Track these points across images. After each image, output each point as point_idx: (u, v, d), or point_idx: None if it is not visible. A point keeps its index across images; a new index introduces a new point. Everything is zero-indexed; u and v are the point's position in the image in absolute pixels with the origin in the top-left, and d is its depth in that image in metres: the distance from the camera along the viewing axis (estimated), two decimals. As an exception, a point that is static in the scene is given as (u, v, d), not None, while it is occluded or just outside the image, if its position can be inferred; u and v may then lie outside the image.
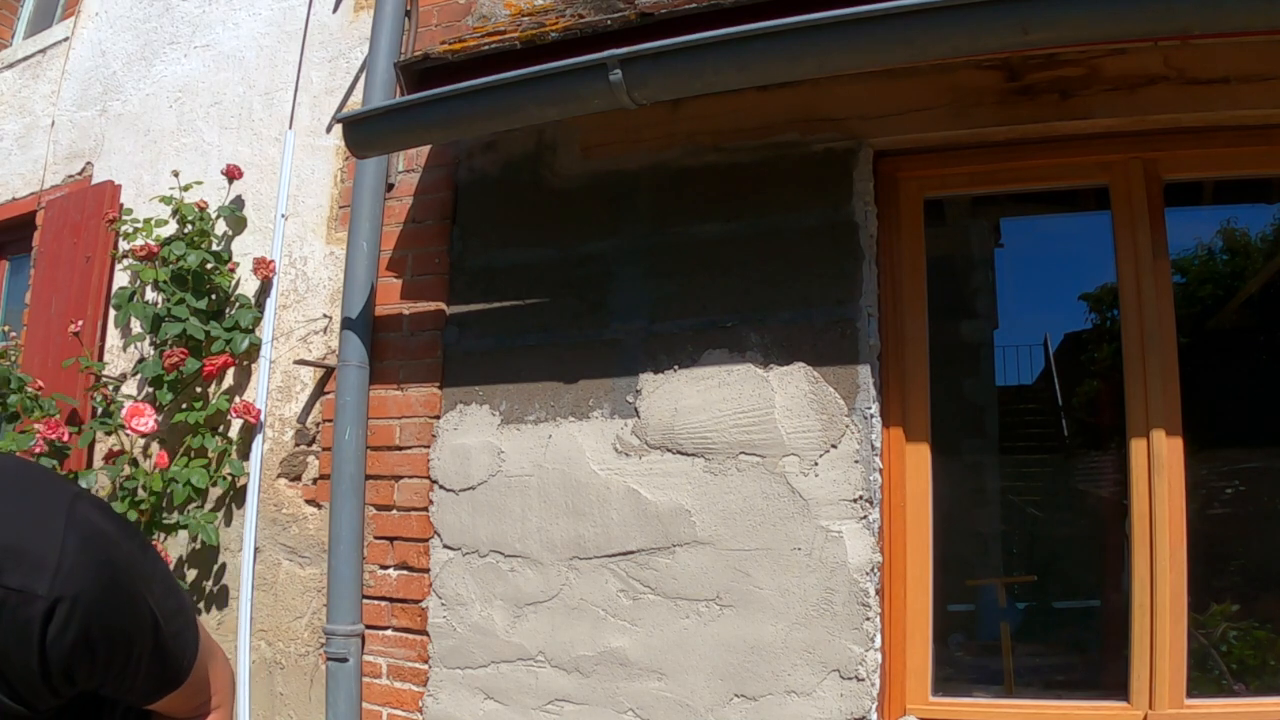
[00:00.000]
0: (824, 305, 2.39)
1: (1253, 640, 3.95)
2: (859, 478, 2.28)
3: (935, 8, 1.92)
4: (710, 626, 2.38)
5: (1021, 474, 7.32)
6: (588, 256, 2.69)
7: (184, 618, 1.04)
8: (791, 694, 2.28)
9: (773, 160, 2.51)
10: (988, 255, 7.09)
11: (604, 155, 2.73)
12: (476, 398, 2.76)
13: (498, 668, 2.61)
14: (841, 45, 2.05)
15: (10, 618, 0.82)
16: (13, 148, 4.36)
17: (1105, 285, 6.78)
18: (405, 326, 2.92)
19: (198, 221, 3.36)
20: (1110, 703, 2.21)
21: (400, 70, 2.73)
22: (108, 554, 0.90)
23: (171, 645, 1.02)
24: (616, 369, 2.59)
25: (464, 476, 2.73)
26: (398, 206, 3.03)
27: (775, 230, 2.48)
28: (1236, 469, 5.39)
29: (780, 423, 2.38)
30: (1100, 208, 2.90)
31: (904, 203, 2.49)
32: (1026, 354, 9.54)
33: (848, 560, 2.26)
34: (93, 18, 4.21)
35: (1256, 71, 2.15)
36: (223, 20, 3.74)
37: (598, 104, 2.33)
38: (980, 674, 4.63)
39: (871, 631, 2.23)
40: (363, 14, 3.34)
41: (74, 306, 3.64)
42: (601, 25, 2.36)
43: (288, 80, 3.46)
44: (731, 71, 2.18)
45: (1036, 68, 2.29)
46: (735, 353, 2.46)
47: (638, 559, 2.48)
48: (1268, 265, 6.39)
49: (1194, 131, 2.27)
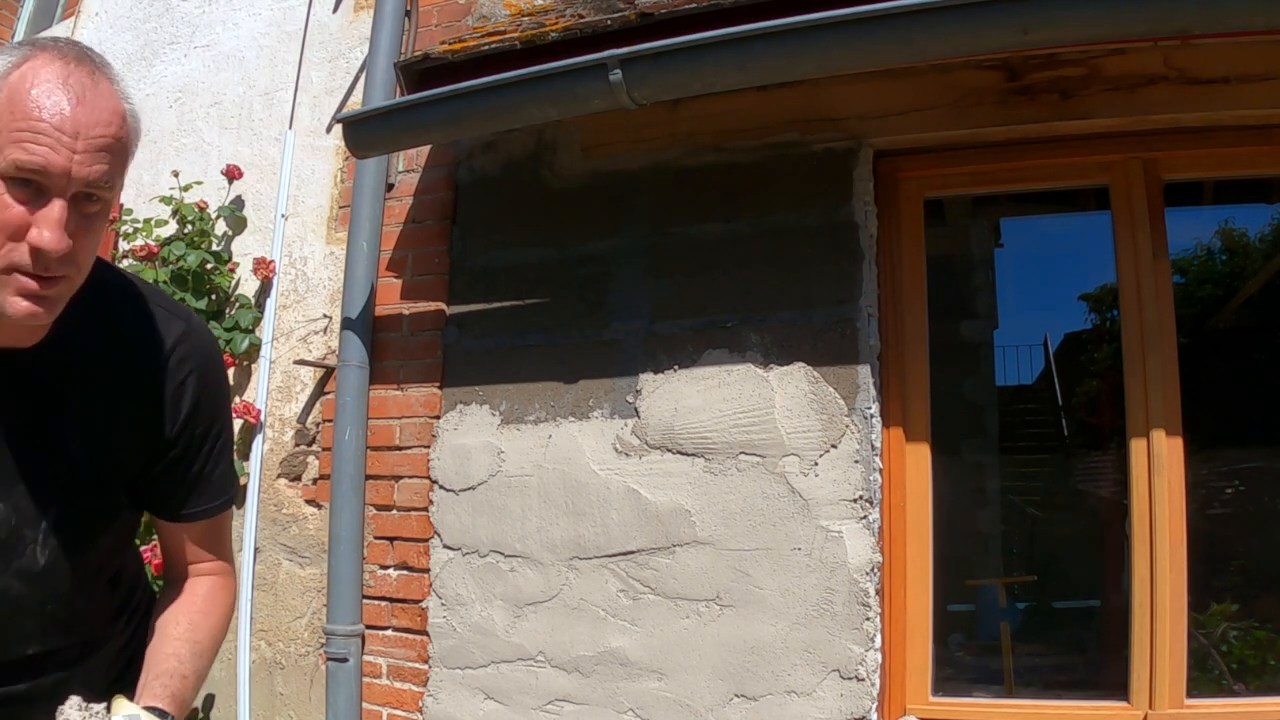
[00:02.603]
0: (824, 305, 2.39)
1: (1253, 640, 3.95)
2: (859, 478, 2.28)
3: (935, 8, 1.92)
4: (710, 626, 2.38)
5: (1021, 474, 7.33)
6: (588, 256, 2.69)
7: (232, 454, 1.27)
8: (791, 694, 2.28)
9: (773, 160, 2.51)
10: (988, 255, 7.10)
11: (604, 155, 2.73)
12: (476, 398, 2.76)
13: (498, 668, 2.61)
14: (841, 45, 2.05)
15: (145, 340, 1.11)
16: (13, 148, 4.36)
17: (1105, 285, 6.79)
18: (405, 326, 2.92)
19: (198, 221, 3.36)
20: (1110, 703, 2.21)
21: (400, 70, 2.73)
22: (215, 344, 1.22)
23: (231, 461, 1.25)
24: (616, 369, 2.59)
25: (464, 476, 2.73)
26: (398, 206, 3.03)
27: (775, 230, 2.48)
28: (1236, 469, 5.39)
29: (780, 423, 2.38)
30: (1100, 208, 2.90)
31: (904, 203, 2.49)
32: (1026, 354, 9.55)
33: (848, 560, 2.26)
34: (93, 18, 4.21)
35: (1256, 71, 2.15)
36: (223, 20, 3.74)
37: (598, 104, 2.33)
38: (980, 674, 4.63)
39: (871, 631, 2.23)
40: (363, 14, 3.34)
41: (74, 306, 3.64)
42: (601, 25, 2.36)
43: (288, 80, 3.46)
44: (731, 71, 2.18)
45: (1036, 68, 2.29)
46: (735, 353, 2.46)
47: (638, 559, 2.48)
48: (1267, 265, 6.39)
49: (1194, 131, 2.27)
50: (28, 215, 0.90)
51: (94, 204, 0.95)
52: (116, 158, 0.94)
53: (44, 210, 0.90)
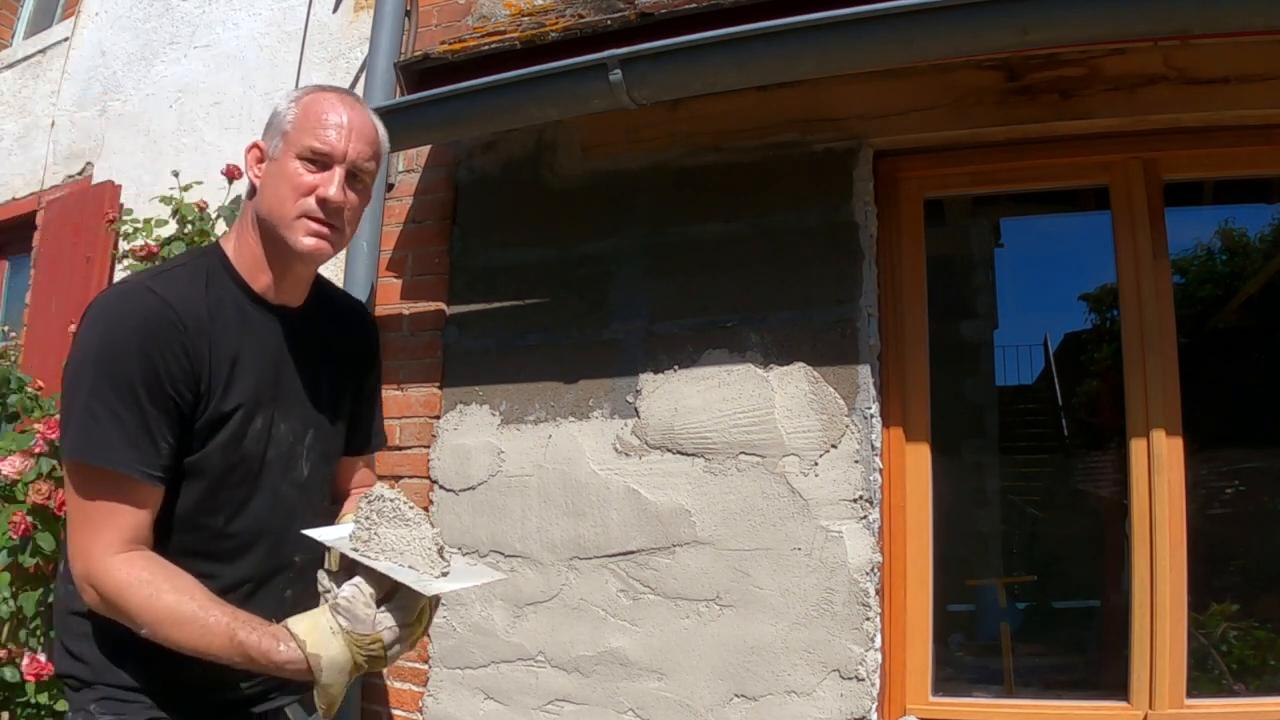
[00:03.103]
0: (824, 305, 2.39)
1: (1253, 640, 3.96)
2: (859, 478, 2.28)
3: (935, 8, 1.92)
4: (710, 626, 2.38)
5: (1021, 474, 7.33)
6: (588, 256, 2.69)
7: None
8: (791, 694, 2.28)
9: (773, 160, 2.51)
10: (988, 255, 7.10)
11: (604, 155, 2.73)
12: (476, 398, 2.76)
13: (498, 668, 2.61)
14: (841, 45, 2.05)
15: (354, 311, 1.65)
16: (13, 148, 4.36)
17: (1105, 285, 6.80)
18: (405, 326, 2.92)
19: (198, 222, 3.35)
20: (1110, 703, 2.21)
21: (400, 70, 2.73)
22: None
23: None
24: (616, 369, 2.59)
25: (464, 477, 2.73)
26: (398, 206, 3.03)
27: (775, 230, 2.48)
28: (1236, 469, 5.40)
29: (780, 423, 2.38)
30: (1100, 208, 2.90)
31: (904, 203, 2.49)
32: (1026, 354, 9.56)
33: (848, 560, 2.26)
34: (93, 18, 4.21)
35: (1256, 71, 2.14)
36: (223, 20, 3.74)
37: (598, 104, 2.33)
38: (980, 674, 4.64)
39: (871, 631, 2.23)
40: (363, 14, 3.34)
41: (74, 306, 3.64)
42: (601, 25, 2.36)
43: (288, 80, 3.46)
44: (731, 71, 2.18)
45: (1036, 68, 2.29)
46: (735, 353, 2.46)
47: (638, 559, 2.48)
48: (1267, 265, 6.40)
49: (1194, 131, 2.27)
50: (316, 181, 1.35)
51: (358, 183, 1.39)
52: (374, 150, 1.41)
53: (328, 175, 1.35)
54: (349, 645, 1.23)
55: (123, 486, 1.24)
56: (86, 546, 1.25)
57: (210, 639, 1.22)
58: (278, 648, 1.22)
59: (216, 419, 1.33)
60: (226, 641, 1.22)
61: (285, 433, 1.41)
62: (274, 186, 1.36)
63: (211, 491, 1.35)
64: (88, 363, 1.25)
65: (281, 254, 1.39)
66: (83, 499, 1.25)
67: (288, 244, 1.36)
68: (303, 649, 1.22)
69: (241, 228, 1.42)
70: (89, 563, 1.25)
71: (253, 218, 1.40)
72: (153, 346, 1.25)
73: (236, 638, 1.22)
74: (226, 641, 1.22)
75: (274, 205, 1.36)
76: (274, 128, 1.39)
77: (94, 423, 1.22)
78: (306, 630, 1.23)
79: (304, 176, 1.34)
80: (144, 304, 1.28)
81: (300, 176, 1.34)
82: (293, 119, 1.37)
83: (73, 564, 1.28)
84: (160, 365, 1.25)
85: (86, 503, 1.25)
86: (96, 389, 1.23)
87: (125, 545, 1.25)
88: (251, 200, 1.42)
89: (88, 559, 1.25)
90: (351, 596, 1.25)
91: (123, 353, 1.24)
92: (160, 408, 1.26)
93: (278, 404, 1.41)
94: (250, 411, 1.36)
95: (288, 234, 1.35)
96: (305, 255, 1.36)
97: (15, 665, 2.97)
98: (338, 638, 1.23)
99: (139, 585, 1.23)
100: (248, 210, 1.42)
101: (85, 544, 1.25)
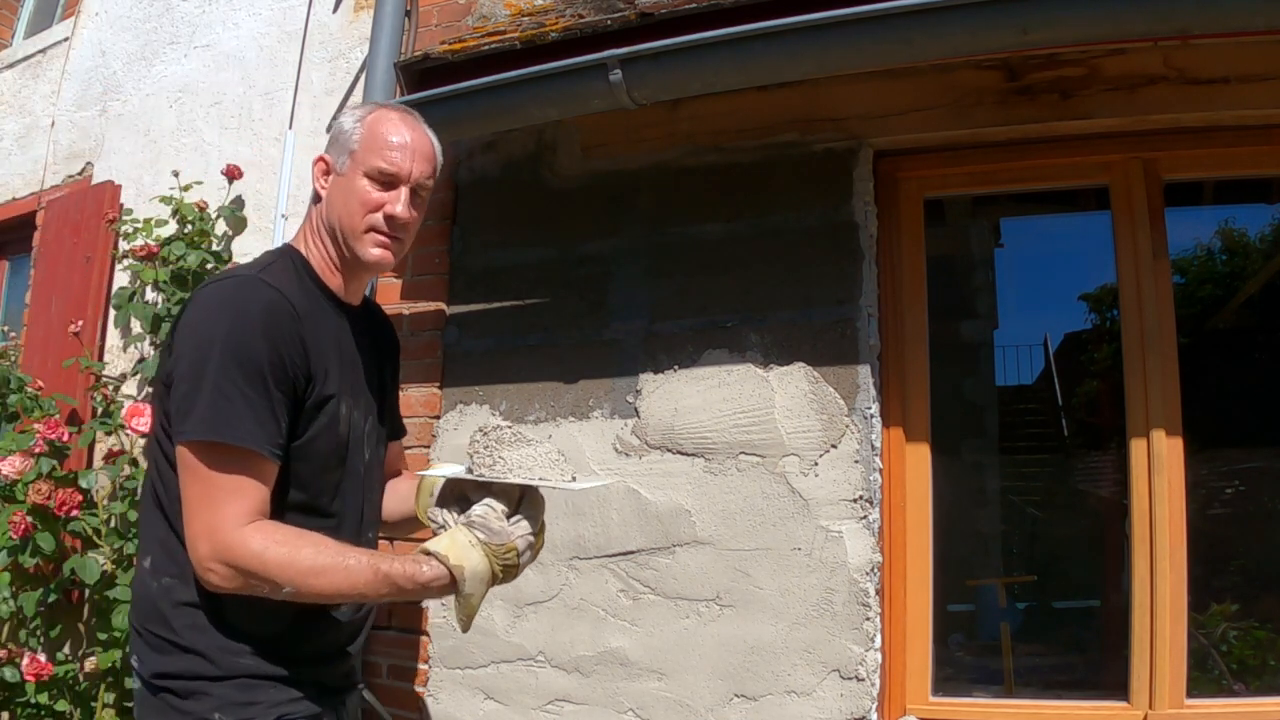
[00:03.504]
0: (824, 305, 2.39)
1: (1253, 640, 3.96)
2: (859, 478, 2.28)
3: (935, 8, 1.92)
4: (710, 626, 2.38)
5: (1021, 474, 7.33)
6: (588, 256, 2.69)
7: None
8: (791, 694, 2.28)
9: (773, 160, 2.51)
10: (988, 255, 7.10)
11: (604, 155, 2.73)
12: (476, 398, 2.76)
13: (498, 668, 2.61)
14: (841, 45, 2.05)
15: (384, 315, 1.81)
16: (13, 148, 4.36)
17: (1105, 285, 6.80)
18: (405, 327, 2.92)
19: (198, 222, 3.35)
20: (1110, 703, 2.21)
21: (400, 70, 2.73)
22: None
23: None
24: (616, 369, 2.59)
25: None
26: (398, 206, 3.02)
27: (775, 230, 2.48)
28: (1236, 469, 5.40)
29: (780, 423, 2.38)
30: (1100, 208, 2.90)
31: (904, 203, 2.49)
32: (1026, 354, 9.56)
33: (848, 560, 2.26)
34: (93, 18, 4.21)
35: (1256, 71, 2.14)
36: (223, 20, 3.74)
37: (598, 104, 2.33)
38: (980, 674, 4.64)
39: (871, 631, 2.23)
40: (363, 14, 3.34)
41: (74, 306, 3.64)
42: (601, 25, 2.36)
43: (288, 80, 3.46)
44: (731, 71, 2.18)
45: (1036, 68, 2.29)
46: (735, 353, 2.46)
47: (638, 559, 2.48)
48: (1267, 265, 6.40)
49: (1194, 131, 2.27)
50: (383, 199, 1.48)
51: (418, 199, 1.53)
52: (433, 168, 1.55)
53: (394, 194, 1.49)
54: (488, 555, 1.35)
55: (250, 463, 1.31)
56: (214, 524, 1.29)
57: (355, 579, 1.31)
58: (421, 569, 1.33)
59: (320, 403, 1.43)
60: (372, 576, 1.31)
61: (358, 419, 1.54)
62: (343, 201, 1.49)
63: (318, 473, 1.45)
64: (214, 348, 1.32)
65: (350, 260, 1.52)
66: (210, 476, 1.30)
67: (356, 254, 1.50)
68: (446, 564, 1.33)
69: (311, 233, 1.54)
70: (219, 537, 1.28)
71: (322, 225, 1.53)
72: (276, 333, 1.35)
73: (381, 570, 1.32)
74: (372, 576, 1.31)
75: (344, 218, 1.49)
76: (340, 144, 1.51)
77: (226, 402, 1.30)
78: (446, 547, 1.34)
79: (372, 194, 1.48)
80: (265, 294, 1.38)
81: (369, 194, 1.48)
82: (359, 138, 1.49)
83: (195, 546, 1.30)
84: (283, 350, 1.35)
85: (213, 480, 1.30)
86: (226, 371, 1.31)
87: (251, 517, 1.31)
88: (317, 207, 1.54)
89: (216, 534, 1.29)
90: (484, 513, 1.38)
91: (250, 338, 1.33)
92: (283, 391, 1.35)
93: (353, 393, 1.53)
94: (339, 399, 1.48)
95: (356, 245, 1.49)
96: (372, 265, 1.51)
97: (15, 665, 2.97)
98: (476, 549, 1.35)
99: (276, 545, 1.29)
100: (314, 217, 1.54)
101: (212, 522, 1.29)
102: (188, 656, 1.36)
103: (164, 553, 1.39)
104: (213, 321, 1.35)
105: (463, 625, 1.39)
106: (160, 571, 1.39)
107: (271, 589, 1.30)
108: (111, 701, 2.99)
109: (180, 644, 1.36)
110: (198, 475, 1.31)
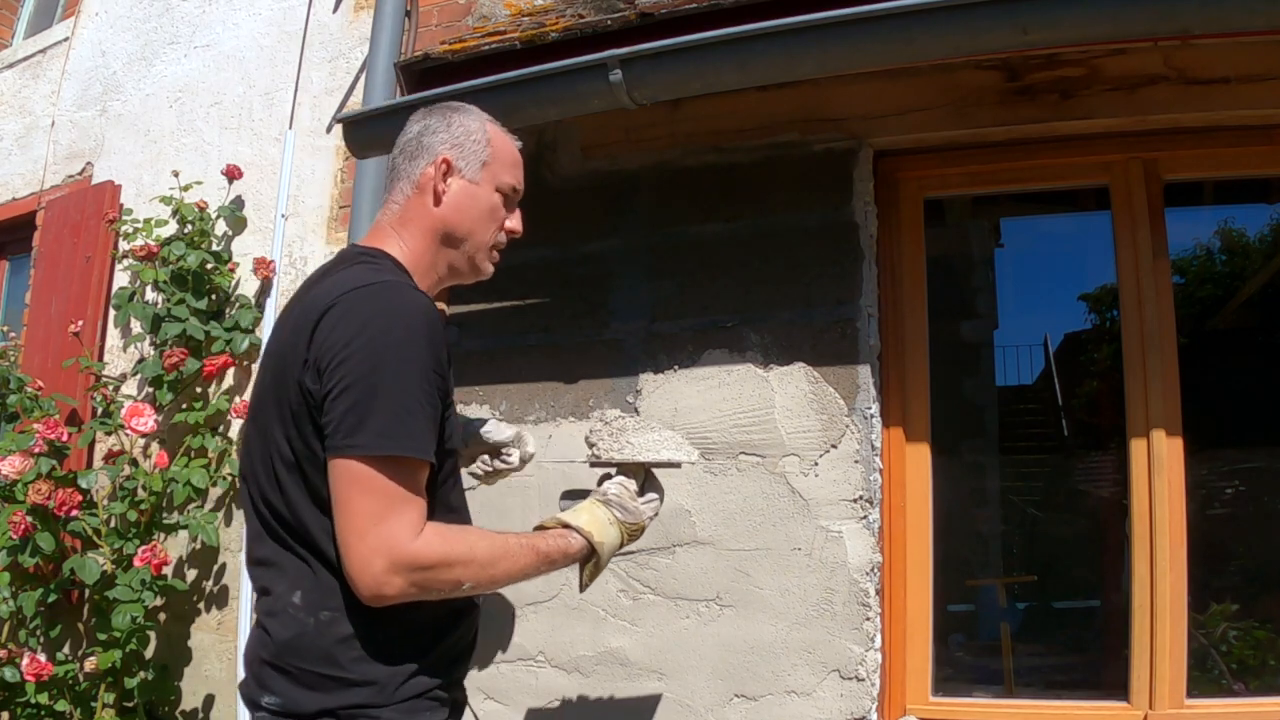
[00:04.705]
0: (824, 305, 2.39)
1: (1253, 640, 3.95)
2: (859, 478, 2.28)
3: (935, 8, 1.92)
4: (710, 626, 2.38)
5: (1021, 474, 7.32)
6: (588, 256, 2.69)
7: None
8: (791, 694, 2.28)
9: (773, 160, 2.51)
10: (988, 255, 7.09)
11: (604, 155, 2.72)
12: (476, 398, 2.76)
13: (498, 668, 2.61)
14: (841, 45, 2.05)
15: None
16: (13, 148, 4.36)
17: (1105, 285, 6.78)
18: (405, 326, 2.92)
19: (198, 221, 3.35)
20: (1110, 703, 2.21)
21: (400, 70, 2.73)
22: None
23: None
24: (616, 369, 2.59)
25: (464, 476, 2.73)
26: (398, 206, 3.02)
27: (775, 230, 2.48)
28: (1236, 469, 5.40)
29: (780, 423, 2.38)
30: (1100, 208, 2.90)
31: (904, 203, 2.49)
32: (1026, 354, 9.55)
33: (848, 560, 2.26)
34: (93, 18, 4.21)
35: (1256, 71, 2.15)
36: (223, 20, 3.74)
37: (598, 104, 2.33)
38: (980, 674, 4.63)
39: (871, 631, 2.23)
40: (363, 14, 3.34)
41: (74, 306, 3.64)
42: (601, 25, 2.36)
43: (288, 80, 3.46)
44: (731, 71, 2.17)
45: (1037, 68, 2.29)
46: (735, 353, 2.46)
47: (638, 559, 2.48)
48: (1267, 265, 6.40)
49: (1194, 131, 2.27)
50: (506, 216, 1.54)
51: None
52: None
53: (515, 211, 1.56)
54: (622, 531, 1.54)
55: (419, 474, 1.30)
56: (391, 538, 1.24)
57: (523, 561, 1.39)
58: (570, 544, 1.47)
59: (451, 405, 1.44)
60: (534, 556, 1.41)
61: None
62: (472, 211, 1.50)
63: (454, 474, 1.49)
64: (387, 357, 1.28)
65: (460, 269, 1.56)
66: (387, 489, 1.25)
67: (476, 265, 1.55)
68: (589, 539, 1.49)
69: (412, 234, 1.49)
70: (398, 550, 1.24)
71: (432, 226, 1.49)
72: (437, 340, 1.34)
73: (539, 549, 1.42)
74: (534, 556, 1.41)
75: (476, 230, 1.51)
76: (469, 152, 1.49)
77: (406, 415, 1.27)
78: (587, 523, 1.50)
79: (502, 210, 1.53)
80: (421, 300, 1.36)
81: (500, 211, 1.53)
82: (491, 152, 1.51)
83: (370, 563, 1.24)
84: (441, 356, 1.35)
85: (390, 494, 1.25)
86: (401, 381, 1.28)
87: (422, 525, 1.29)
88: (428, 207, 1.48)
89: (395, 548, 1.24)
90: (619, 492, 1.58)
91: (417, 346, 1.30)
92: (439, 397, 1.35)
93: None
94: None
95: (479, 257, 1.54)
96: (481, 277, 1.58)
97: (15, 665, 2.96)
98: (614, 527, 1.53)
99: (454, 545, 1.31)
100: (423, 217, 1.48)
101: (390, 536, 1.24)
102: (357, 689, 1.29)
103: (316, 587, 1.31)
104: (381, 330, 1.28)
105: (584, 587, 1.55)
106: (315, 606, 1.31)
107: (452, 587, 1.31)
108: (111, 701, 2.99)
109: (350, 679, 1.29)
110: (370, 489, 1.25)
